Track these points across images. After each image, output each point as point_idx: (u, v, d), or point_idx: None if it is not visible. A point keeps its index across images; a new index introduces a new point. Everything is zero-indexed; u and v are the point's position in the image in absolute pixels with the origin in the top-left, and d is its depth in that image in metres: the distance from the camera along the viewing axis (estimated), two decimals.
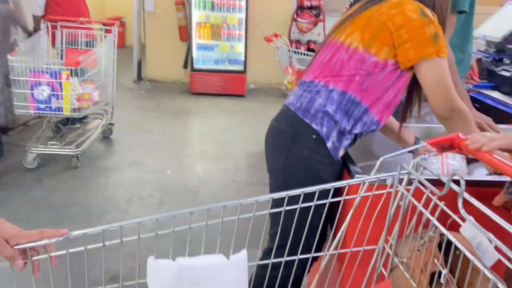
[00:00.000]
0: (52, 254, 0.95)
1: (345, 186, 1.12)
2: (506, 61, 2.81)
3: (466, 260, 0.78)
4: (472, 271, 0.76)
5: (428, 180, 0.89)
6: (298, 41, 5.88)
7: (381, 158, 1.01)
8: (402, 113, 1.50)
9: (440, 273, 0.81)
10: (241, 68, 6.11)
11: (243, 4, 5.86)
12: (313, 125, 1.37)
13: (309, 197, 1.08)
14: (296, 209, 1.08)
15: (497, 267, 0.80)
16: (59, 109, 3.14)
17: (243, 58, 6.08)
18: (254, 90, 6.50)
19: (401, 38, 1.27)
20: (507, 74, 2.38)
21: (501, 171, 0.86)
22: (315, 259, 1.33)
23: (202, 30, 6.07)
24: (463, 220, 0.82)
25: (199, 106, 5.61)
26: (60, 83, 3.03)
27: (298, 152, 1.40)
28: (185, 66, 6.57)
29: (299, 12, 5.83)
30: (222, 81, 6.07)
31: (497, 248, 0.77)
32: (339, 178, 1.45)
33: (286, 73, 3.86)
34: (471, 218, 0.72)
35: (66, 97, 3.07)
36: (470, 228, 0.81)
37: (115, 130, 4.27)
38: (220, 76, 6.07)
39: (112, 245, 1.03)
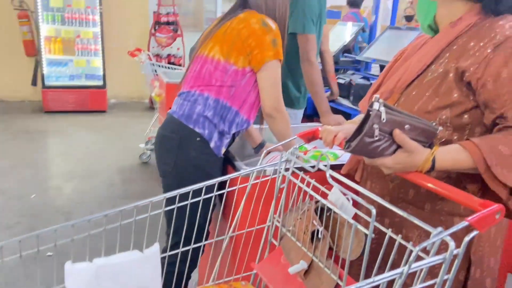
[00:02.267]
0: None
1: (231, 179, 1.34)
2: (340, 70, 3.41)
3: (334, 219, 1.06)
4: (339, 225, 1.04)
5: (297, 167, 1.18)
6: (158, 55, 5.96)
7: (265, 150, 1.25)
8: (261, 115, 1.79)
9: (317, 231, 1.07)
10: (100, 83, 5.92)
11: (97, 18, 5.71)
12: (196, 129, 1.56)
13: (200, 192, 1.26)
14: (188, 205, 1.24)
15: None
16: None
17: (101, 73, 5.91)
18: (116, 105, 6.35)
19: (250, 46, 1.53)
20: (342, 81, 2.91)
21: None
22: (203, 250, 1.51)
23: (52, 45, 5.71)
24: (329, 189, 1.10)
25: (56, 125, 5.26)
26: None
27: (186, 154, 1.57)
28: (34, 83, 6.08)
29: (156, 27, 5.93)
30: (79, 97, 5.80)
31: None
32: (223, 172, 1.66)
33: (153, 86, 3.94)
34: (336, 184, 0.99)
35: None
36: (334, 195, 1.08)
37: None
38: (77, 92, 5.79)
39: (28, 255, 1.05)
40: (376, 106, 0.89)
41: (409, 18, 6.07)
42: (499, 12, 1.09)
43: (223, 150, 1.60)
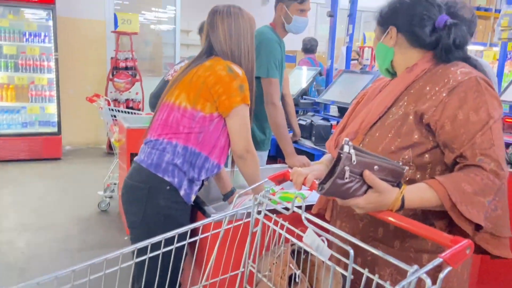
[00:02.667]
0: None
1: (200, 226, 1.31)
2: (301, 112, 3.52)
3: (311, 261, 1.06)
4: (317, 268, 1.04)
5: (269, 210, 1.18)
6: (116, 100, 5.90)
7: (237, 195, 1.25)
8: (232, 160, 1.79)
9: (295, 274, 1.07)
10: (54, 130, 5.74)
11: (52, 64, 5.62)
12: (166, 178, 1.53)
13: (172, 241, 1.21)
14: (160, 255, 1.18)
15: None
16: None
17: (56, 119, 5.74)
18: (71, 152, 6.15)
19: (217, 92, 1.56)
20: (303, 123, 2.99)
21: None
22: None
23: (5, 92, 5.54)
24: (304, 232, 1.11)
25: (7, 175, 4.99)
26: None
27: (156, 204, 1.53)
28: None
29: (114, 72, 5.90)
30: (33, 145, 5.57)
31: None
32: (192, 219, 1.63)
33: (112, 131, 3.87)
34: (311, 225, 1.00)
35: None
36: (309, 237, 1.09)
37: None
38: (30, 139, 5.57)
39: None
40: (346, 148, 0.93)
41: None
42: (449, 60, 1.19)
43: (193, 197, 1.58)
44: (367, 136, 1.25)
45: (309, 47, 5.59)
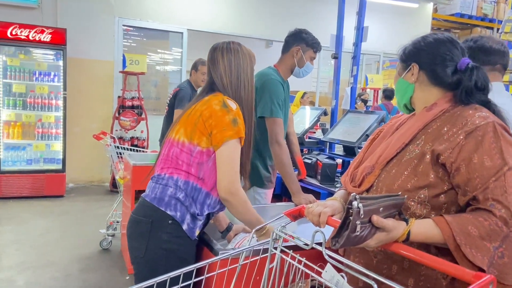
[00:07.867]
0: None
1: (218, 262, 1.30)
2: (305, 150, 3.54)
3: None
4: None
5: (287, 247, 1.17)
6: (121, 138, 5.95)
7: (253, 230, 1.24)
8: None
9: None
10: (59, 167, 5.76)
11: (60, 102, 5.73)
12: (168, 212, 1.53)
13: (177, 279, 1.17)
14: None
15: None
16: None
17: (61, 157, 5.77)
18: (74, 189, 6.13)
19: (211, 126, 1.57)
20: (308, 161, 3.01)
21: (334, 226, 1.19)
22: None
23: (11, 129, 5.60)
24: (322, 268, 1.10)
25: (9, 212, 4.95)
26: None
27: (157, 238, 1.52)
28: None
29: (121, 110, 5.99)
30: (36, 182, 5.57)
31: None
32: (198, 255, 1.61)
33: (117, 169, 3.89)
34: (332, 260, 1.00)
35: None
36: (328, 273, 1.08)
37: None
38: (34, 177, 5.57)
39: None
40: (355, 204, 0.95)
41: (365, 101, 6.98)
42: (469, 102, 1.22)
43: (197, 232, 1.57)
44: (383, 172, 1.26)
45: (388, 94, 6.72)
